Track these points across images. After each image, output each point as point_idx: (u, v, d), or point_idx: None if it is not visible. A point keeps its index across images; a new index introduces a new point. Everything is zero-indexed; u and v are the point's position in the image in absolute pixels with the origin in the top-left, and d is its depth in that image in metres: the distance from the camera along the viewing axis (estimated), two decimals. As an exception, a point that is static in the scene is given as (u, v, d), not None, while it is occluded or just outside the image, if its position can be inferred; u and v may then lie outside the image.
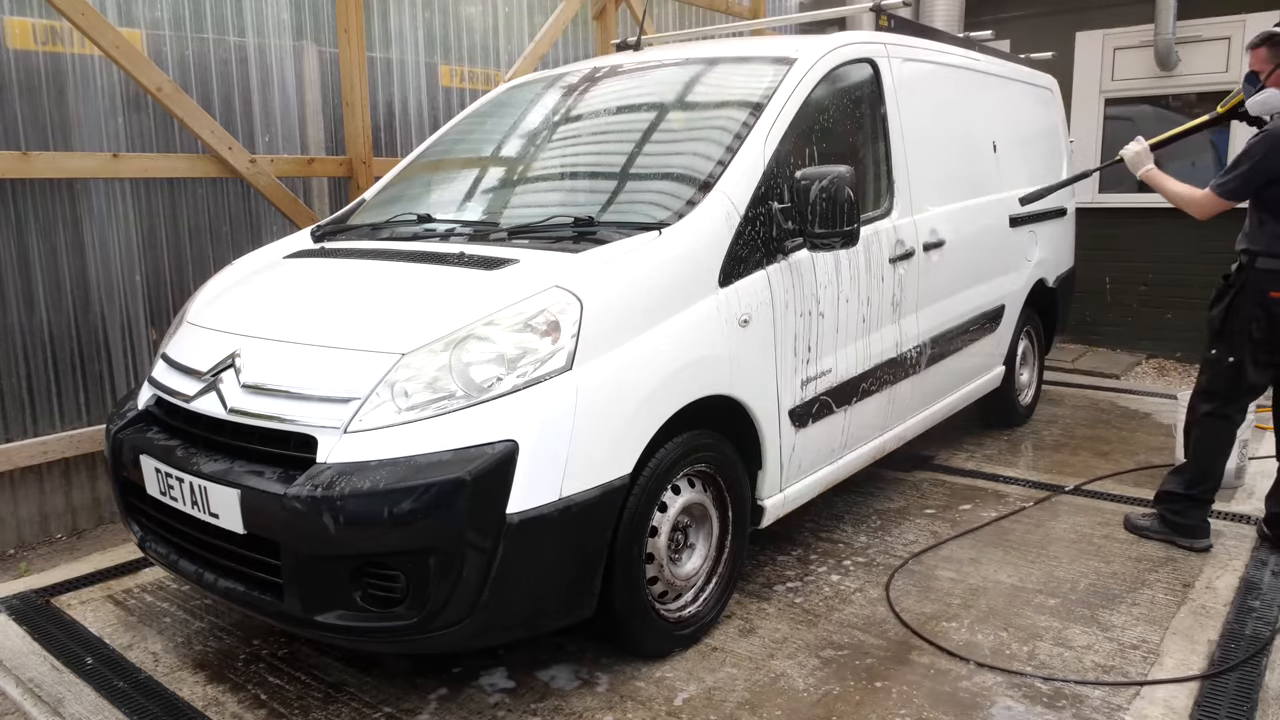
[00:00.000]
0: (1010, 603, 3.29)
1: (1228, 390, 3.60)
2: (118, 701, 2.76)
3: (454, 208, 3.65)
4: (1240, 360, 3.52)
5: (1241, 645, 2.96)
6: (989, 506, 4.21)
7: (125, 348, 4.36)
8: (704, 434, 2.91)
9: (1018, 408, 5.44)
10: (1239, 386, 3.59)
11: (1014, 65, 5.35)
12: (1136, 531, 3.84)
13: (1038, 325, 5.54)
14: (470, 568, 2.35)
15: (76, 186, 4.13)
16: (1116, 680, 2.78)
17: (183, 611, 3.33)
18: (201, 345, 2.93)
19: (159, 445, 2.79)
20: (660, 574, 2.86)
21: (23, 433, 4.05)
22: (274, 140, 4.82)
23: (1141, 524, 3.84)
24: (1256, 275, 3.46)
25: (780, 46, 3.76)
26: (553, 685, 2.81)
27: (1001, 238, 4.80)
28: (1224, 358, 3.56)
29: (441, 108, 5.58)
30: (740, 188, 3.06)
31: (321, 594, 2.42)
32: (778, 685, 2.79)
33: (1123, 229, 7.58)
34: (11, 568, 3.87)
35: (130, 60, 4.04)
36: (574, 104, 3.87)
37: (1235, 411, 3.66)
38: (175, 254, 4.48)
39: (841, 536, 3.88)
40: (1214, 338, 3.62)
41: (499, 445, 2.38)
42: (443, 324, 2.57)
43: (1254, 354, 3.50)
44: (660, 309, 2.77)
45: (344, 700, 2.75)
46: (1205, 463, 3.70)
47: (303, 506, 2.34)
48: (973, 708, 2.66)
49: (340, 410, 2.47)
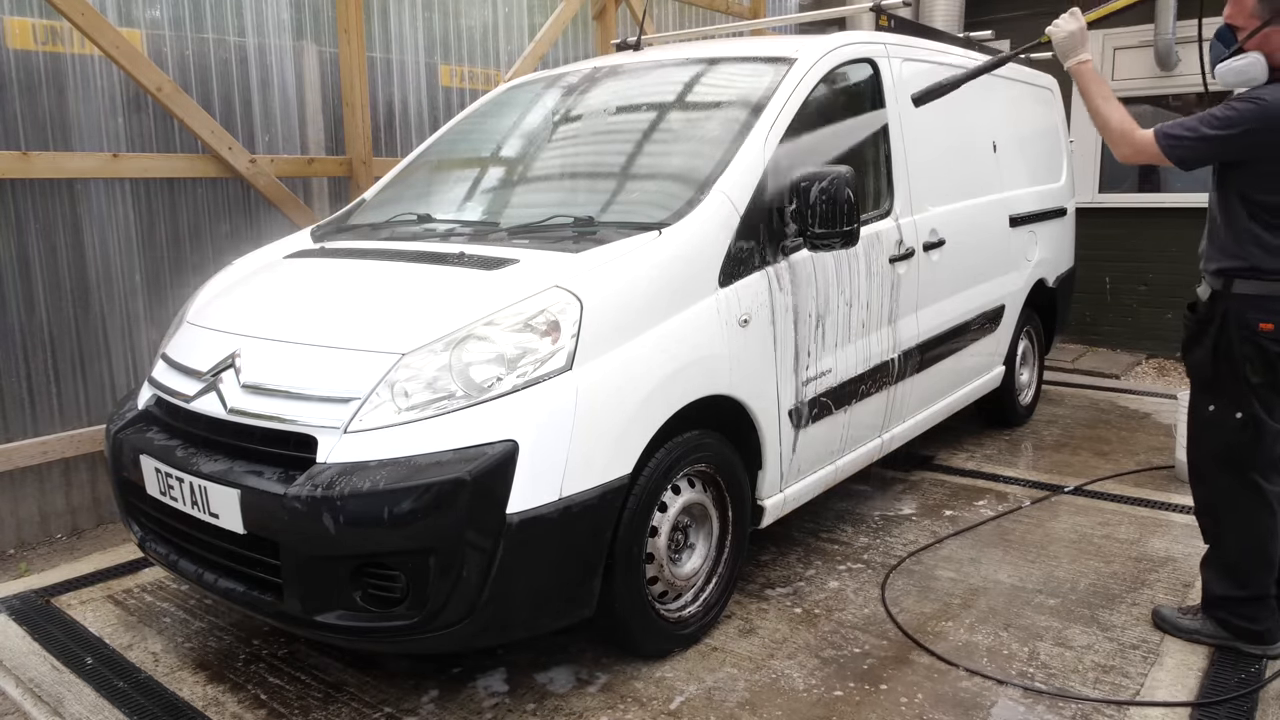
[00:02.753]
0: (1010, 602, 3.29)
1: (1253, 454, 2.78)
2: (118, 701, 2.76)
3: (454, 207, 3.65)
4: (1253, 415, 2.73)
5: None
6: (989, 506, 4.21)
7: (125, 348, 4.36)
8: (704, 434, 2.91)
9: (1018, 408, 5.44)
10: (1263, 442, 2.76)
11: (1014, 65, 5.34)
12: (1178, 633, 3.02)
13: (1038, 325, 5.54)
14: (470, 568, 2.35)
15: (76, 186, 4.13)
16: (1110, 698, 2.77)
17: (183, 611, 3.33)
18: (201, 345, 2.93)
19: (159, 445, 2.79)
20: (660, 574, 2.86)
21: (23, 433, 4.05)
22: (274, 140, 4.81)
23: (1185, 625, 3.02)
24: (1237, 304, 2.71)
25: (780, 46, 3.76)
26: (552, 685, 2.81)
27: (1001, 237, 4.80)
28: (1229, 415, 2.77)
29: (441, 108, 5.57)
30: (740, 188, 3.06)
31: (321, 594, 2.42)
32: (777, 685, 2.79)
33: (1123, 229, 7.58)
34: (11, 568, 3.87)
35: (130, 60, 4.04)
36: (574, 104, 3.87)
37: (1270, 477, 2.80)
38: (175, 254, 4.48)
39: (841, 536, 3.88)
40: (1205, 390, 2.85)
41: (499, 445, 2.38)
42: (443, 324, 2.57)
43: (1263, 401, 2.73)
44: (660, 309, 2.77)
45: (344, 700, 2.75)
46: (1263, 552, 2.83)
47: (303, 506, 2.34)
48: (973, 708, 2.66)
49: (340, 410, 2.47)
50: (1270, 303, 2.68)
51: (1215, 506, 2.92)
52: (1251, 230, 2.69)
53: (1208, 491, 2.93)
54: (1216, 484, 2.89)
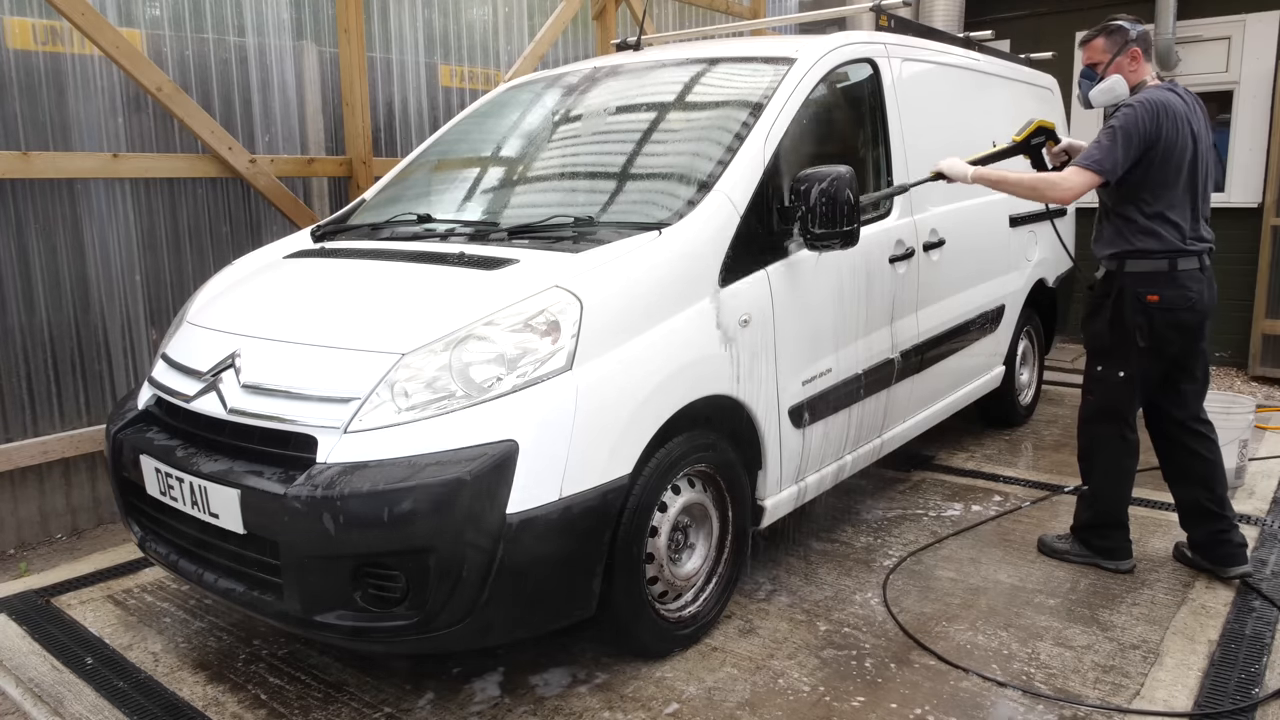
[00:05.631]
0: (1010, 602, 3.29)
1: (1127, 408, 3.41)
2: (118, 701, 2.76)
3: (454, 208, 3.65)
4: (1131, 374, 3.34)
5: (1242, 646, 2.96)
6: (989, 506, 4.21)
7: (125, 348, 4.36)
8: (704, 434, 2.91)
9: (1018, 407, 5.44)
10: (1135, 403, 3.41)
11: (1014, 65, 5.35)
12: (1054, 555, 3.63)
13: (1038, 325, 5.54)
14: (470, 568, 2.35)
15: (76, 186, 4.13)
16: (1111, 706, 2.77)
17: (183, 611, 3.33)
18: (201, 345, 2.93)
19: (159, 445, 2.79)
20: (660, 574, 2.86)
21: (23, 433, 4.05)
22: (274, 140, 4.82)
23: (1059, 547, 3.64)
24: (1130, 280, 3.27)
25: (780, 46, 3.76)
26: (552, 685, 2.81)
27: (1001, 238, 4.80)
28: (1113, 373, 3.36)
29: (441, 108, 5.57)
30: (740, 188, 3.06)
31: (321, 594, 2.42)
32: (778, 685, 2.79)
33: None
34: (11, 568, 3.87)
35: (130, 60, 4.04)
36: (574, 104, 3.87)
37: (1132, 431, 3.45)
38: (175, 254, 4.48)
39: (842, 536, 3.88)
40: (1098, 354, 3.44)
41: (499, 445, 2.38)
42: (443, 324, 2.57)
43: (1141, 365, 3.32)
44: (660, 309, 2.77)
45: (344, 700, 2.75)
46: (1120, 489, 3.50)
47: (303, 506, 2.34)
48: (974, 708, 2.66)
49: (340, 410, 2.47)
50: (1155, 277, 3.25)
51: (1091, 451, 3.54)
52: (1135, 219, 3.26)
53: (1088, 441, 3.55)
54: (1096, 433, 3.50)
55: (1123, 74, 3.31)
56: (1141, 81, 3.32)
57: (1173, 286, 3.24)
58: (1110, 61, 3.32)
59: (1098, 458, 3.52)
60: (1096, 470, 3.54)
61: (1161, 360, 3.33)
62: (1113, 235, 3.32)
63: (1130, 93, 3.29)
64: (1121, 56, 3.31)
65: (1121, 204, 3.29)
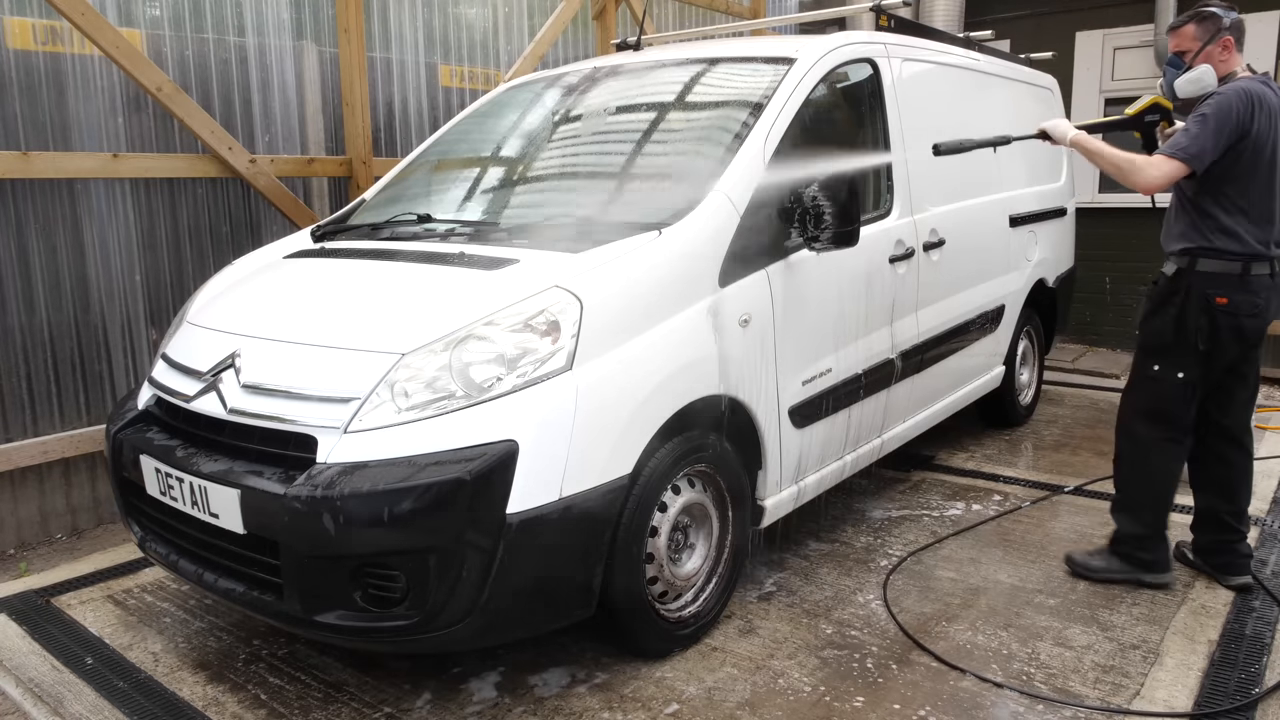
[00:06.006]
0: (1010, 602, 3.29)
1: (1181, 412, 3.23)
2: (118, 701, 2.76)
3: (454, 207, 3.65)
4: (1192, 378, 3.16)
5: (1242, 646, 2.96)
6: (989, 506, 4.21)
7: (125, 348, 4.36)
8: (704, 434, 2.91)
9: (1018, 407, 5.44)
10: (1190, 408, 3.22)
11: (1014, 65, 5.34)
12: (1090, 575, 3.41)
13: (1038, 325, 5.54)
14: (470, 568, 2.35)
15: (76, 186, 4.12)
16: (1111, 707, 2.77)
17: (183, 611, 3.33)
18: (201, 345, 2.93)
19: (159, 445, 2.79)
20: (660, 574, 2.86)
21: (23, 433, 4.05)
22: (274, 140, 4.81)
23: (1095, 564, 3.43)
24: (1199, 280, 3.11)
25: (780, 46, 3.76)
26: (551, 685, 2.81)
27: (1001, 238, 4.80)
28: (1172, 374, 3.18)
29: (441, 108, 5.57)
30: (740, 187, 3.06)
31: (321, 594, 2.42)
32: (778, 685, 2.79)
33: (1123, 229, 7.58)
34: (11, 568, 3.87)
35: (130, 60, 4.04)
36: (574, 104, 3.87)
37: (1186, 436, 3.26)
38: (175, 254, 4.48)
39: (842, 536, 3.88)
40: (1155, 353, 3.24)
41: (499, 445, 2.38)
42: (443, 324, 2.57)
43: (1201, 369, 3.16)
44: (660, 309, 2.77)
45: (344, 700, 2.75)
46: (1167, 497, 3.31)
47: (303, 506, 2.34)
48: (974, 708, 2.66)
49: (340, 410, 2.47)
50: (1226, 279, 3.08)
51: (1131, 456, 3.37)
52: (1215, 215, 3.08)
53: (1130, 444, 3.37)
54: (1139, 435, 3.32)
55: (1212, 63, 3.14)
56: (1232, 73, 3.15)
57: (1243, 291, 3.08)
58: (1200, 50, 3.14)
59: (1140, 466, 3.34)
60: (1138, 479, 3.36)
61: (1213, 366, 3.18)
62: (1187, 229, 3.14)
63: (1219, 84, 3.13)
64: (1213, 45, 3.14)
65: (1202, 197, 3.09)
